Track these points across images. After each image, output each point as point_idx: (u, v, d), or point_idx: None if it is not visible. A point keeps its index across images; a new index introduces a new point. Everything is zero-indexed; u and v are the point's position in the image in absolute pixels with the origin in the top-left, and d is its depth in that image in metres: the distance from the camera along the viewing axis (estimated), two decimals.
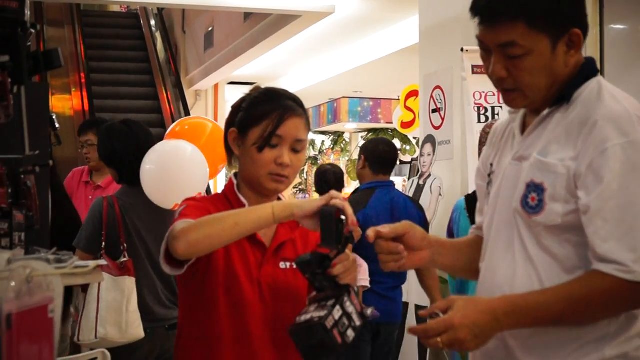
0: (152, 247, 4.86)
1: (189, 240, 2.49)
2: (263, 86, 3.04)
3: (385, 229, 2.59)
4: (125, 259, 4.80)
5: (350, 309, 2.48)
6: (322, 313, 2.41)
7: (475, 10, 2.48)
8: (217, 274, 2.76)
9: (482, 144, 5.67)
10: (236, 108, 2.96)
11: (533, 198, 2.43)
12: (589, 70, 2.52)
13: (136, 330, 4.70)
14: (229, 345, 2.77)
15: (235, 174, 2.97)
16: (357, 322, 2.49)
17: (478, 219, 2.87)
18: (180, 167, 5.13)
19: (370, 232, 2.56)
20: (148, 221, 4.99)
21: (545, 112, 2.51)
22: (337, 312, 2.43)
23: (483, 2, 2.45)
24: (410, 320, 8.47)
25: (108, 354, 4.65)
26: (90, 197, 6.91)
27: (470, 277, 3.03)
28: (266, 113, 2.81)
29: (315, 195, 17.78)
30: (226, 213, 2.66)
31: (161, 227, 4.13)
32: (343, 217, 2.45)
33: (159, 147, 5.22)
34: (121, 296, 4.67)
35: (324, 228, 2.48)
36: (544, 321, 2.36)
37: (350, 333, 2.45)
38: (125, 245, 4.90)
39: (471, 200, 5.70)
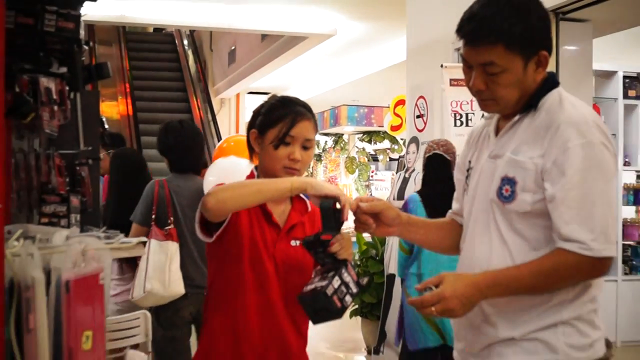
0: (193, 224, 4.93)
1: (219, 198, 2.57)
2: (278, 95, 3.06)
3: (365, 205, 2.61)
4: (169, 227, 4.90)
5: (347, 279, 2.59)
6: (324, 283, 2.53)
7: (461, 33, 2.49)
8: (242, 247, 2.78)
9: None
10: (256, 113, 2.98)
11: (507, 189, 2.46)
12: (551, 82, 2.56)
13: (177, 287, 4.77)
14: (252, 302, 2.79)
15: (256, 167, 2.99)
16: (354, 290, 2.61)
17: (455, 205, 2.87)
18: (239, 178, 5.22)
19: (353, 203, 2.60)
20: (191, 202, 5.00)
21: (516, 117, 2.53)
22: (336, 282, 2.54)
23: (468, 28, 2.46)
24: (396, 290, 8.45)
25: (149, 314, 4.68)
26: None
27: (435, 250, 3.13)
28: (281, 117, 2.84)
29: None
30: (252, 181, 2.77)
31: None
32: (339, 206, 2.55)
33: (219, 162, 5.64)
34: (165, 257, 4.78)
35: (324, 218, 2.58)
36: (519, 291, 2.40)
37: (348, 299, 2.57)
38: (171, 218, 4.99)
39: (424, 194, 5.83)
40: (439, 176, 5.79)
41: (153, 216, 4.99)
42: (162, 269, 4.77)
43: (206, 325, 2.93)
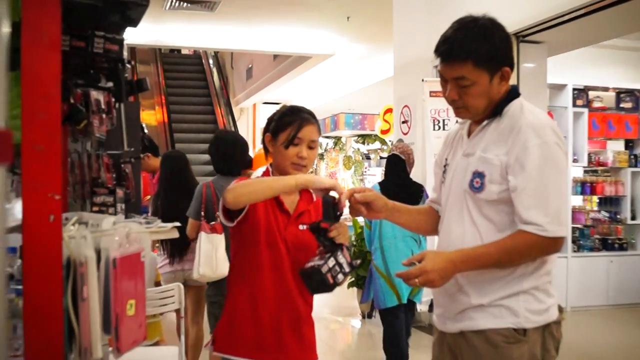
0: None
1: (235, 193, 2.62)
2: (287, 104, 3.10)
3: (358, 195, 2.65)
4: (214, 222, 4.97)
5: (341, 260, 2.62)
6: (321, 262, 2.57)
7: (438, 52, 2.52)
8: (259, 231, 2.81)
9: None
10: (270, 120, 3.00)
11: (477, 182, 2.49)
12: (514, 93, 2.57)
13: (223, 269, 4.84)
14: (268, 275, 2.82)
15: (270, 164, 3.00)
16: (347, 269, 2.64)
17: (432, 195, 2.89)
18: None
19: (347, 193, 2.63)
20: None
21: (485, 122, 2.56)
22: (331, 262, 2.58)
23: (443, 48, 2.49)
24: None
25: (182, 287, 4.72)
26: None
27: (415, 231, 3.26)
28: (290, 122, 2.86)
29: None
30: (264, 178, 2.79)
31: None
32: (337, 196, 2.62)
33: (259, 171, 5.51)
34: (211, 247, 4.91)
35: (324, 209, 2.62)
36: (487, 265, 2.43)
37: (340, 277, 2.62)
38: (217, 214, 4.96)
39: (383, 184, 6.00)
40: (393, 171, 6.03)
41: (202, 212, 5.08)
42: (210, 256, 4.90)
43: (229, 295, 2.94)
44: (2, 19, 0.75)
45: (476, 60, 2.43)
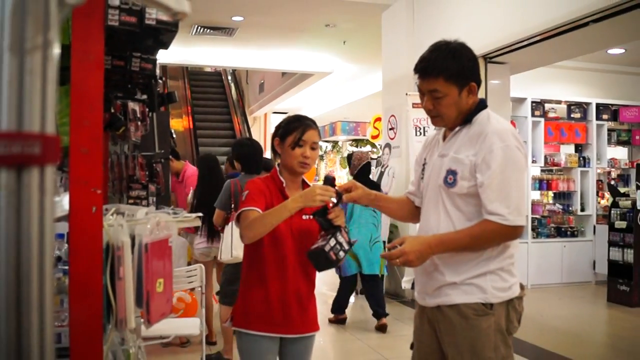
0: None
1: (249, 237, 2.70)
2: (293, 113, 3.08)
3: (346, 196, 2.71)
4: None
5: (341, 239, 2.64)
6: (323, 243, 2.60)
7: (416, 70, 2.53)
8: None
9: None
10: (278, 127, 2.98)
11: (450, 178, 2.48)
12: (482, 105, 2.57)
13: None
14: (275, 260, 2.81)
15: (279, 164, 2.97)
16: (346, 247, 2.66)
17: (410, 187, 2.88)
18: None
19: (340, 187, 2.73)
20: None
21: (457, 129, 2.55)
22: (332, 242, 2.61)
23: (420, 66, 2.51)
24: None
25: (203, 267, 4.69)
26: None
27: (394, 217, 3.14)
28: (295, 127, 2.86)
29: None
30: (267, 214, 2.68)
31: None
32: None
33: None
34: None
35: (321, 212, 2.68)
36: (458, 248, 2.43)
37: (341, 254, 2.63)
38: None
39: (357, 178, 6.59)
40: (360, 173, 6.92)
41: (232, 205, 5.13)
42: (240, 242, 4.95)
43: (243, 279, 2.93)
44: (55, 42, 0.74)
45: (446, 76, 2.44)
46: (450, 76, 2.44)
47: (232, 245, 4.91)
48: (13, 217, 0.68)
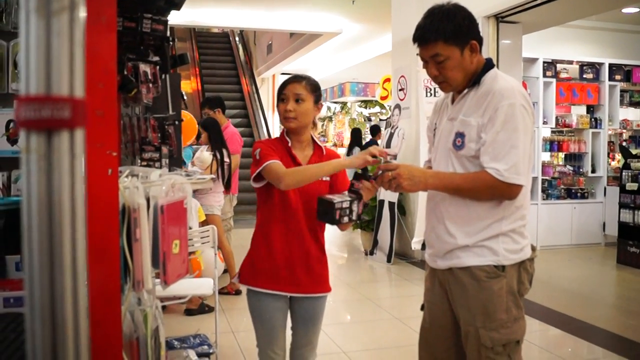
0: None
1: (289, 183, 2.68)
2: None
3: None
4: None
5: (354, 208, 2.67)
6: (338, 199, 2.62)
7: (414, 39, 2.53)
8: None
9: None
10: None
11: (459, 141, 2.49)
12: (489, 65, 2.55)
13: None
14: (282, 218, 2.86)
15: None
16: (353, 217, 2.70)
17: (428, 155, 2.87)
18: None
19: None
20: None
21: (465, 91, 2.55)
22: (345, 204, 2.63)
23: (417, 34, 2.51)
24: (385, 212, 8.46)
25: (215, 228, 4.72)
26: None
27: None
28: (280, 87, 2.91)
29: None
30: (309, 167, 2.78)
31: None
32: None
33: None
34: None
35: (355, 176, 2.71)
36: (450, 187, 2.47)
37: (345, 219, 2.66)
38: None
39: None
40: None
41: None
42: None
43: (252, 238, 2.96)
44: (81, 3, 0.75)
45: (445, 38, 2.43)
46: (448, 37, 2.43)
47: None
48: (44, 181, 0.69)
